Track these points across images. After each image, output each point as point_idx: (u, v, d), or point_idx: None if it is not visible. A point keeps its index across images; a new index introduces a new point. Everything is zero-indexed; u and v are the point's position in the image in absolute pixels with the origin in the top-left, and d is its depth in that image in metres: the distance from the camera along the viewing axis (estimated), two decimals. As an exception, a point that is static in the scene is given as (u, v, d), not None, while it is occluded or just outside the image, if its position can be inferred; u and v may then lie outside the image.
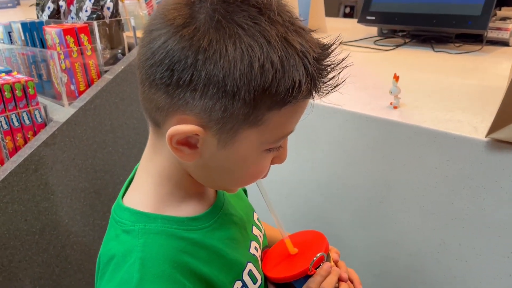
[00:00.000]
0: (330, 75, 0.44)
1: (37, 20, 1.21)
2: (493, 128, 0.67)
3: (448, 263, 0.79)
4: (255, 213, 0.65)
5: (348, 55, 0.46)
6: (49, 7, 1.28)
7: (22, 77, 1.02)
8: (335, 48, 0.45)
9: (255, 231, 0.61)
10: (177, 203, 0.51)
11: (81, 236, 1.12)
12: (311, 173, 0.97)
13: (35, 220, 1.02)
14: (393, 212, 0.85)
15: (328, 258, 0.58)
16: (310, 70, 0.42)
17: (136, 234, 0.47)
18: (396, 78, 0.84)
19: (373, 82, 1.04)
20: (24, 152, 0.99)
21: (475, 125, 0.74)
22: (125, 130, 1.15)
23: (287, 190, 1.04)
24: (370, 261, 0.92)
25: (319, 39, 0.46)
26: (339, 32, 1.60)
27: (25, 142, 1.03)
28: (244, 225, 0.58)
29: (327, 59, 0.44)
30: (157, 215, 0.49)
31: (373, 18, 1.42)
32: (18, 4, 3.06)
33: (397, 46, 1.37)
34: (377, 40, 1.46)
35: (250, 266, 0.55)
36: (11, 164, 0.98)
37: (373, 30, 1.54)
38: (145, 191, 0.51)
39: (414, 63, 1.21)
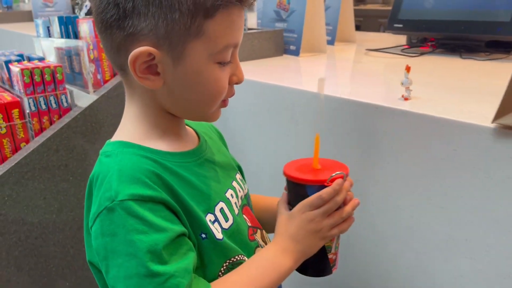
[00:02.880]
0: None
1: (72, 15, 1.29)
2: (500, 113, 0.65)
3: (456, 260, 0.76)
4: (238, 174, 0.72)
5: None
6: (86, 6, 1.36)
7: (52, 63, 1.08)
8: None
9: (235, 185, 0.68)
10: (155, 139, 0.59)
11: (96, 221, 1.15)
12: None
13: (53, 199, 1.07)
14: (400, 205, 0.82)
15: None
16: None
17: (115, 155, 0.55)
18: (408, 69, 0.83)
19: (390, 80, 1.03)
20: (47, 133, 1.05)
21: (487, 115, 0.72)
22: (147, 121, 1.19)
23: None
24: (377, 258, 0.89)
25: None
26: (368, 42, 1.60)
27: (50, 125, 1.08)
28: (223, 175, 0.66)
29: None
30: (134, 144, 0.57)
31: (401, 25, 1.41)
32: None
33: (423, 53, 1.35)
34: (404, 49, 1.44)
35: (222, 205, 0.62)
36: (34, 144, 1.04)
37: (402, 40, 1.53)
38: (127, 129, 0.60)
39: (438, 67, 1.19)
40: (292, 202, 0.64)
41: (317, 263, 0.66)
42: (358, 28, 3.45)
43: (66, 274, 1.13)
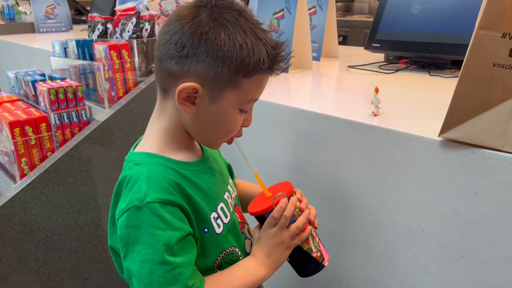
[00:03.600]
0: (281, 63, 0.70)
1: (88, 39, 1.46)
2: (444, 129, 0.82)
3: (415, 248, 0.93)
4: (230, 179, 0.87)
5: (292, 51, 0.70)
6: (98, 29, 1.52)
7: (74, 83, 1.24)
8: (284, 44, 0.71)
9: (229, 188, 0.84)
10: (173, 151, 0.73)
11: (111, 220, 1.31)
12: (305, 170, 1.14)
13: (75, 200, 1.23)
14: (371, 203, 0.99)
15: (290, 198, 0.78)
16: (270, 53, 0.66)
17: (144, 164, 0.69)
18: (377, 90, 1.00)
19: (365, 97, 1.21)
20: (70, 144, 1.20)
21: (436, 129, 0.89)
22: (154, 132, 1.36)
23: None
24: (354, 248, 1.06)
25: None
26: (350, 57, 1.77)
27: (72, 136, 1.24)
28: (221, 180, 0.81)
29: (279, 51, 0.69)
30: (158, 155, 0.71)
31: (378, 45, 1.59)
32: (71, 28, 3.41)
33: (398, 70, 1.53)
34: (382, 65, 1.62)
35: (222, 205, 0.77)
36: (59, 153, 1.20)
37: (381, 56, 1.71)
38: (151, 141, 0.73)
39: (408, 84, 1.37)
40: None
41: (310, 265, 0.82)
42: (345, 38, 3.64)
43: (85, 266, 1.29)
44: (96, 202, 1.28)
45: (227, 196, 0.81)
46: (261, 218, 0.79)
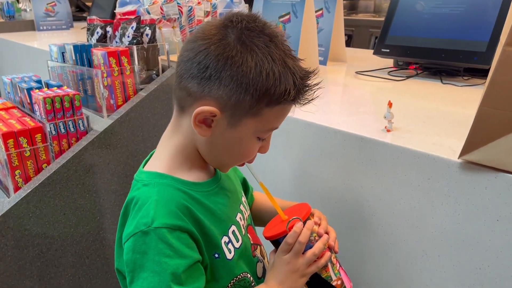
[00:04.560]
0: (308, 94, 0.65)
1: (86, 43, 1.40)
2: (465, 151, 0.77)
3: (429, 273, 0.88)
4: (243, 197, 0.84)
5: (321, 81, 0.65)
6: (97, 32, 1.47)
7: (71, 91, 1.19)
8: (314, 74, 0.65)
9: (242, 208, 0.80)
10: (185, 170, 0.69)
11: (109, 233, 1.26)
12: (312, 185, 1.08)
13: (72, 214, 1.18)
14: (383, 224, 0.94)
15: (306, 221, 0.73)
16: (297, 83, 0.61)
17: (152, 185, 0.66)
18: (390, 104, 0.95)
19: (376, 108, 1.15)
20: (67, 155, 1.15)
21: (455, 148, 0.83)
22: (155, 141, 1.28)
23: (291, 199, 1.15)
24: (363, 268, 1.01)
25: (303, 67, 0.65)
26: (357, 62, 1.71)
27: (69, 147, 1.19)
28: (233, 200, 0.77)
29: (308, 81, 0.64)
30: (168, 175, 0.67)
31: (388, 50, 1.53)
32: (72, 26, 3.36)
33: (409, 77, 1.47)
34: (391, 71, 1.56)
35: (233, 228, 0.73)
36: (55, 165, 1.14)
37: (390, 61, 1.65)
38: (162, 160, 0.70)
39: (420, 93, 1.31)
40: None
41: None
42: (350, 37, 3.58)
43: (82, 282, 1.24)
44: (93, 215, 1.22)
45: (239, 217, 0.77)
46: (275, 243, 0.75)
